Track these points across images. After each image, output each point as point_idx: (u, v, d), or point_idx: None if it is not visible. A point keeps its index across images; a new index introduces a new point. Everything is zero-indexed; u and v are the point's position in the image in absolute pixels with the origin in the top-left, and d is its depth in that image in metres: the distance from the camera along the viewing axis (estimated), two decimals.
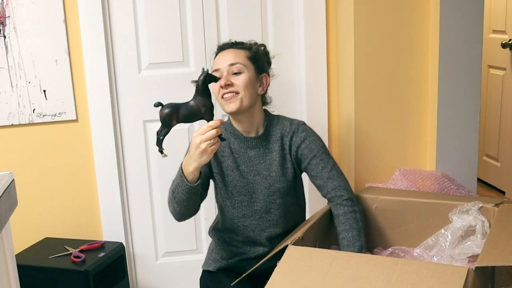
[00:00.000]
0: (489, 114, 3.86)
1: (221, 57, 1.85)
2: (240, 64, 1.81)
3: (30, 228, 2.50)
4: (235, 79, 1.80)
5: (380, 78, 2.37)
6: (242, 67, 1.81)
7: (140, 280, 2.68)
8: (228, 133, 1.88)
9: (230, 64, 1.81)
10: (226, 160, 1.86)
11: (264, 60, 1.91)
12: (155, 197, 2.62)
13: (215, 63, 1.86)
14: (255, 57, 1.86)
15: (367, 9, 2.30)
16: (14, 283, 1.39)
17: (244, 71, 1.81)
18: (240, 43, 1.89)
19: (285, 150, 1.88)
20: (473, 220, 1.76)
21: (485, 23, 2.84)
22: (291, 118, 1.94)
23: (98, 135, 2.48)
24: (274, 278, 1.43)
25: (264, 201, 1.86)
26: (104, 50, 2.41)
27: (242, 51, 1.85)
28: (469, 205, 1.81)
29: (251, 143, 1.87)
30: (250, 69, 1.83)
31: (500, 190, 3.84)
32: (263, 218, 1.88)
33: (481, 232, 1.72)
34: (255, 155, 1.87)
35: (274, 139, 1.88)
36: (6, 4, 2.32)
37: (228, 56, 1.83)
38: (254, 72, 1.84)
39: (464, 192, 2.18)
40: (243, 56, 1.84)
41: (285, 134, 1.88)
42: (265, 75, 1.89)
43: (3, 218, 1.25)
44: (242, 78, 1.80)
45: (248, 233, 1.89)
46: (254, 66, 1.84)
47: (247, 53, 1.85)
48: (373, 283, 1.35)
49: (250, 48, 1.88)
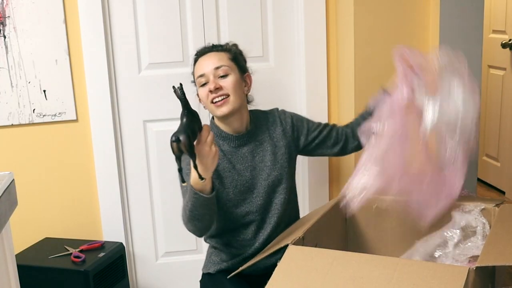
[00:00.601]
0: (489, 114, 3.86)
1: (204, 62, 1.85)
2: (225, 67, 1.82)
3: (30, 228, 2.50)
4: (223, 82, 1.81)
5: (380, 78, 2.36)
6: (227, 69, 1.82)
7: (140, 280, 2.68)
8: (215, 136, 1.88)
9: (216, 68, 1.81)
10: (221, 163, 1.86)
11: (243, 59, 1.93)
12: (155, 197, 2.62)
13: (199, 69, 1.85)
14: (236, 57, 1.88)
15: (367, 9, 2.30)
16: (14, 283, 1.39)
17: (230, 73, 1.83)
18: (219, 46, 1.90)
19: (274, 138, 1.93)
20: (474, 221, 1.75)
21: (485, 23, 2.84)
22: (263, 110, 2.01)
23: (98, 135, 2.48)
24: (274, 278, 1.43)
25: (265, 193, 1.89)
26: (104, 50, 2.41)
27: (223, 53, 1.86)
28: (471, 206, 1.81)
29: (242, 141, 1.89)
30: (235, 70, 1.85)
31: (500, 190, 3.84)
32: (266, 210, 1.90)
33: (481, 234, 1.72)
34: (247, 150, 1.89)
35: (261, 131, 1.93)
36: (6, 4, 2.32)
37: (211, 60, 1.84)
38: (238, 72, 1.86)
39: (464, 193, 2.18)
40: (226, 58, 1.85)
41: (270, 123, 1.94)
42: (248, 74, 1.92)
43: (3, 218, 1.25)
44: (230, 80, 1.82)
45: (250, 231, 1.89)
46: (237, 66, 1.87)
47: (228, 55, 1.86)
48: (374, 283, 1.34)
49: (229, 49, 1.89)
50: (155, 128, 2.55)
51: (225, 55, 1.86)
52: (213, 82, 1.80)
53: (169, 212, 2.62)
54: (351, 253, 1.56)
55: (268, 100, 2.18)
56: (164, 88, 2.51)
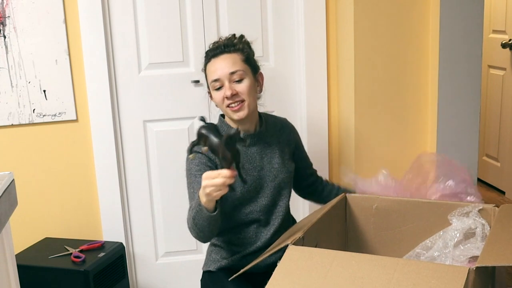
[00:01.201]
0: (489, 114, 3.86)
1: (217, 65, 1.81)
2: (240, 71, 1.80)
3: (30, 228, 2.50)
4: (238, 87, 1.80)
5: (380, 78, 2.37)
6: (242, 73, 1.80)
7: (140, 280, 2.68)
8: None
9: (231, 73, 1.79)
10: None
11: (252, 55, 1.90)
12: (155, 197, 2.62)
13: (212, 72, 1.83)
14: (249, 57, 1.86)
15: (367, 9, 2.30)
16: (14, 283, 1.39)
17: (245, 77, 1.81)
18: (231, 45, 1.85)
19: (282, 143, 1.94)
20: (473, 223, 1.75)
21: (485, 23, 2.84)
22: (275, 115, 2.04)
23: (98, 135, 2.48)
24: (274, 278, 1.43)
25: (271, 194, 1.90)
26: (104, 50, 2.41)
27: (236, 55, 1.82)
28: (469, 207, 1.81)
29: (251, 141, 1.89)
30: (249, 73, 1.83)
31: (500, 190, 3.84)
32: (271, 211, 1.90)
33: (481, 235, 1.72)
34: (256, 150, 1.89)
35: (270, 133, 1.93)
36: (6, 4, 2.32)
37: (225, 63, 1.80)
38: (252, 75, 1.85)
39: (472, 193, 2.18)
40: (239, 61, 1.82)
41: (278, 128, 1.96)
42: (260, 73, 1.91)
43: (3, 218, 1.25)
44: (245, 85, 1.80)
45: (252, 229, 1.89)
46: (250, 68, 1.85)
47: (241, 56, 1.83)
48: (374, 283, 1.34)
49: (242, 50, 1.84)
50: (155, 128, 2.55)
51: (238, 57, 1.82)
52: (230, 89, 1.78)
53: (169, 212, 2.63)
54: (351, 253, 1.56)
55: (268, 100, 2.17)
56: (164, 88, 2.51)
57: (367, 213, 1.97)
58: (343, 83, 2.49)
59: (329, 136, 2.60)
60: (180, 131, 2.56)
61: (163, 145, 2.57)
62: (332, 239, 1.89)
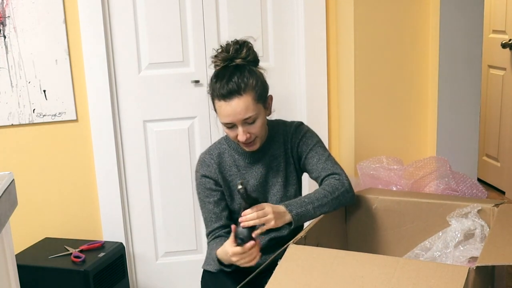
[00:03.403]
0: (489, 114, 3.86)
1: (229, 109, 1.70)
2: (254, 115, 1.73)
3: (30, 228, 2.50)
4: (251, 128, 1.74)
5: (380, 79, 2.37)
6: (255, 115, 1.73)
7: (140, 280, 2.68)
8: (231, 149, 1.86)
9: (245, 119, 1.72)
10: (234, 179, 1.85)
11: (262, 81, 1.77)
12: (155, 197, 2.62)
13: (224, 116, 1.72)
14: (260, 92, 1.75)
15: (367, 9, 2.30)
16: (14, 283, 1.38)
17: (258, 117, 1.75)
18: (242, 84, 1.69)
19: (287, 153, 1.89)
20: (472, 224, 1.75)
21: (485, 23, 2.84)
22: (286, 121, 1.93)
23: (98, 135, 2.48)
24: (275, 277, 1.43)
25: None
26: (104, 50, 2.41)
27: (248, 96, 1.70)
28: (468, 208, 1.80)
29: (257, 157, 1.86)
30: (261, 110, 1.76)
31: (500, 190, 3.84)
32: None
33: (480, 236, 1.72)
34: (261, 165, 1.87)
35: (277, 145, 1.88)
36: (6, 4, 2.32)
37: (237, 109, 1.70)
38: (263, 109, 1.78)
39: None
40: (252, 104, 1.71)
41: (285, 137, 1.88)
42: (270, 96, 1.83)
43: (3, 218, 1.24)
44: (258, 125, 1.75)
45: None
46: (262, 104, 1.77)
47: (252, 94, 1.71)
48: (374, 282, 1.34)
49: (253, 87, 1.72)
50: (155, 128, 2.55)
51: (250, 97, 1.70)
52: (244, 135, 1.72)
53: (169, 212, 2.63)
54: (352, 252, 1.56)
55: None
56: (164, 88, 2.51)
57: (367, 213, 1.97)
58: (343, 83, 2.49)
59: (329, 137, 2.60)
60: (180, 131, 2.56)
61: (163, 145, 2.57)
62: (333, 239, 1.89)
